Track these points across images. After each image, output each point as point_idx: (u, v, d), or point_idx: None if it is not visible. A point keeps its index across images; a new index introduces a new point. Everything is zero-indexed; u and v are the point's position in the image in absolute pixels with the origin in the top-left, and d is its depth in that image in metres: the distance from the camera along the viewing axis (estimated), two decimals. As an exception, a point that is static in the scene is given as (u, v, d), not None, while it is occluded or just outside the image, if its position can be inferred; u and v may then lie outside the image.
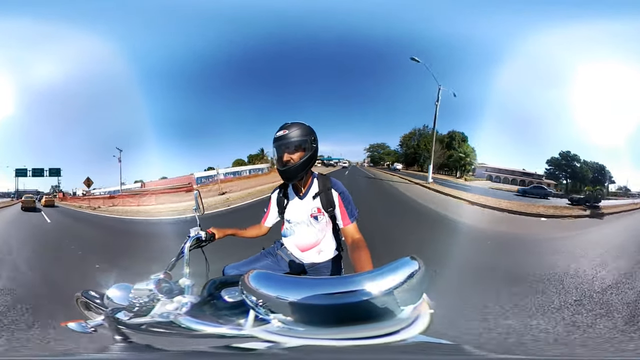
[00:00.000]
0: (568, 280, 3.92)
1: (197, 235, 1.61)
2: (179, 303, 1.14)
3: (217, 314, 1.10)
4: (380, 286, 0.70)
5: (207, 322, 1.02)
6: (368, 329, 0.71)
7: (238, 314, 0.96)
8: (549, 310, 3.12)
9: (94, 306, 1.65)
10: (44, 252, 5.94)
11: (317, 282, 0.87)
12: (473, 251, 5.13)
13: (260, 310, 0.79)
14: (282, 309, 0.76)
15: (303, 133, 1.62)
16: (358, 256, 1.41)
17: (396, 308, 0.71)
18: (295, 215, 1.74)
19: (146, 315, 1.15)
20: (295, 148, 1.61)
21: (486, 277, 3.87)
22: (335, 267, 1.77)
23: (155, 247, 5.48)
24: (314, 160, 1.66)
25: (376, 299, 0.70)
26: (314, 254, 1.76)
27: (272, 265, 1.80)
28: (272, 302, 0.77)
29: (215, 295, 1.19)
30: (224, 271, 1.70)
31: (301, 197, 1.73)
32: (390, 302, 0.70)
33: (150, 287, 1.22)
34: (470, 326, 2.67)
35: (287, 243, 1.83)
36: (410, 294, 0.73)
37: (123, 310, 1.26)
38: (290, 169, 1.60)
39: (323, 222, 1.70)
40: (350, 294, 0.71)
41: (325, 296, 0.73)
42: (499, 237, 6.41)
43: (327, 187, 1.67)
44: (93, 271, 3.96)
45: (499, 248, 5.52)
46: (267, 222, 1.89)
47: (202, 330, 1.01)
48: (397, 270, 0.74)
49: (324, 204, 1.66)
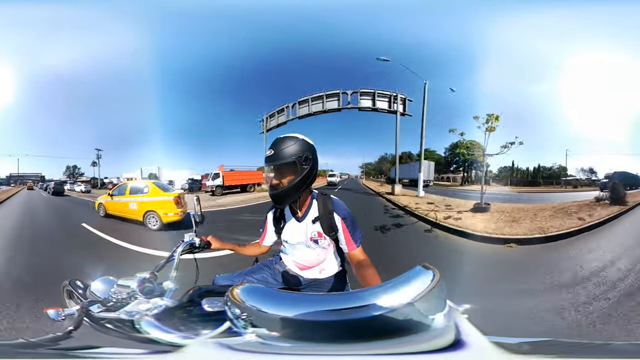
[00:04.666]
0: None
1: (190, 241, 1.53)
2: (154, 305, 1.05)
3: (187, 321, 1.00)
4: (396, 298, 0.67)
5: (167, 328, 0.92)
6: (388, 345, 0.66)
7: (206, 324, 0.87)
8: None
9: (75, 295, 1.59)
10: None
11: (319, 299, 0.80)
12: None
13: (239, 323, 0.72)
14: (271, 324, 0.70)
15: (294, 151, 1.39)
16: (364, 273, 1.30)
17: (424, 318, 0.68)
18: (293, 238, 1.60)
19: (115, 311, 1.07)
20: (283, 170, 1.43)
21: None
22: (339, 282, 1.61)
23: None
24: (309, 181, 1.46)
25: (394, 311, 0.66)
26: (316, 272, 1.61)
27: (268, 278, 1.66)
28: (259, 317, 0.71)
29: (195, 303, 1.09)
30: (214, 281, 1.60)
31: (299, 220, 1.57)
32: (413, 314, 0.67)
33: (133, 285, 1.16)
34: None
35: (286, 260, 1.69)
36: (432, 302, 0.69)
37: (98, 303, 1.18)
38: (277, 193, 1.44)
39: (324, 245, 1.55)
40: (360, 309, 0.67)
41: (328, 312, 0.69)
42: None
43: (329, 210, 1.50)
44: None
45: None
46: (265, 242, 1.75)
47: (157, 335, 0.91)
48: (411, 281, 0.71)
49: (325, 228, 1.50)
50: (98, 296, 1.31)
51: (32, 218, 9.80)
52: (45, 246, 5.94)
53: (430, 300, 0.68)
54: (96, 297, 1.33)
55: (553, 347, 0.87)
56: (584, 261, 4.45)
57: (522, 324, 2.56)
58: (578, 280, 3.68)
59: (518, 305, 2.98)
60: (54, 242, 6.41)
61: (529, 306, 2.96)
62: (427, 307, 0.68)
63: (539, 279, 3.74)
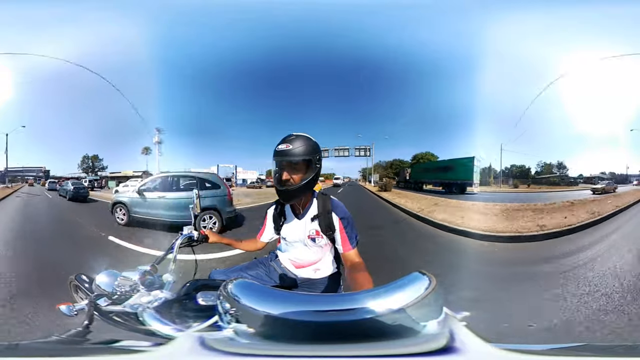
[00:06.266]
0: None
1: (189, 234, 1.60)
2: (155, 297, 1.13)
3: (181, 314, 1.06)
4: (388, 303, 0.66)
5: (165, 320, 0.99)
6: (376, 347, 0.66)
7: (197, 317, 0.93)
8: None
9: (82, 290, 1.67)
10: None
11: (310, 299, 0.82)
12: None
13: (226, 318, 0.74)
14: (257, 321, 0.70)
15: (308, 150, 1.43)
16: (357, 277, 1.30)
17: (415, 324, 0.67)
18: (291, 235, 1.64)
19: (120, 304, 1.16)
20: (297, 166, 1.45)
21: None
22: (332, 285, 1.65)
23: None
24: (316, 180, 1.51)
25: (384, 315, 0.65)
26: (311, 271, 1.65)
27: (262, 275, 1.72)
28: (246, 313, 0.72)
29: (190, 296, 1.17)
30: (211, 275, 1.68)
31: (299, 218, 1.62)
32: (403, 319, 0.66)
33: (135, 277, 1.23)
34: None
35: (282, 258, 1.74)
36: (426, 309, 0.68)
37: (105, 296, 1.27)
38: (289, 190, 1.46)
39: (321, 244, 1.59)
40: (350, 311, 0.66)
41: (316, 313, 0.69)
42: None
43: (328, 210, 1.53)
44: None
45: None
46: (263, 238, 1.79)
47: (156, 327, 0.97)
48: (405, 287, 0.70)
49: (322, 227, 1.53)
50: (103, 289, 1.40)
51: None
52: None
53: (424, 306, 0.68)
54: (102, 290, 1.41)
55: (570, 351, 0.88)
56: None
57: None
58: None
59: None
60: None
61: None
62: (420, 313, 0.68)
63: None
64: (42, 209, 9.60)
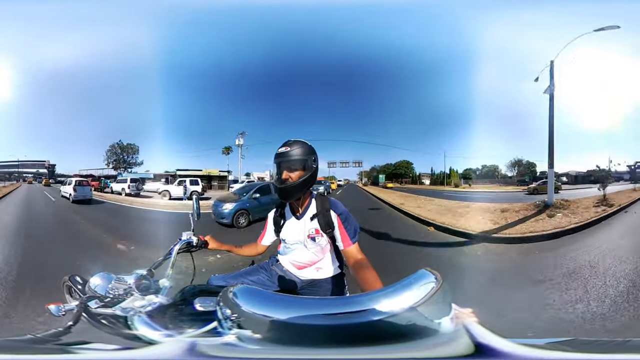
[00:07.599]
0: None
1: (188, 240, 1.57)
2: (148, 302, 1.08)
3: (175, 319, 1.02)
4: (397, 303, 0.66)
5: (156, 326, 0.94)
6: (390, 350, 0.64)
7: (194, 322, 0.89)
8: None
9: (74, 291, 1.62)
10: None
11: (318, 302, 0.80)
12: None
13: (226, 324, 0.72)
14: (260, 327, 0.68)
15: (305, 152, 1.56)
16: (364, 275, 1.31)
17: (429, 323, 0.66)
18: (291, 236, 1.66)
19: (112, 307, 1.11)
20: (295, 166, 1.55)
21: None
22: (337, 285, 1.64)
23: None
24: (313, 180, 1.59)
25: (395, 316, 0.64)
26: (312, 271, 1.65)
27: (265, 280, 1.69)
28: (250, 319, 0.69)
29: (187, 301, 1.12)
30: (209, 281, 1.62)
31: (298, 218, 1.65)
32: (416, 318, 0.65)
33: (130, 281, 1.19)
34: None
35: (282, 261, 1.73)
36: (435, 307, 0.67)
37: (96, 298, 1.22)
38: (288, 187, 1.54)
39: (322, 243, 1.60)
40: (359, 314, 0.65)
41: (325, 317, 0.67)
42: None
43: (326, 208, 1.59)
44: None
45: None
46: (264, 241, 1.82)
47: (144, 332, 0.93)
48: (413, 285, 0.69)
49: (322, 225, 1.57)
50: (96, 292, 1.35)
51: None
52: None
53: (433, 304, 0.66)
54: (94, 292, 1.36)
55: (576, 345, 0.86)
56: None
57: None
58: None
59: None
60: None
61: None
62: (430, 311, 0.66)
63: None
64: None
